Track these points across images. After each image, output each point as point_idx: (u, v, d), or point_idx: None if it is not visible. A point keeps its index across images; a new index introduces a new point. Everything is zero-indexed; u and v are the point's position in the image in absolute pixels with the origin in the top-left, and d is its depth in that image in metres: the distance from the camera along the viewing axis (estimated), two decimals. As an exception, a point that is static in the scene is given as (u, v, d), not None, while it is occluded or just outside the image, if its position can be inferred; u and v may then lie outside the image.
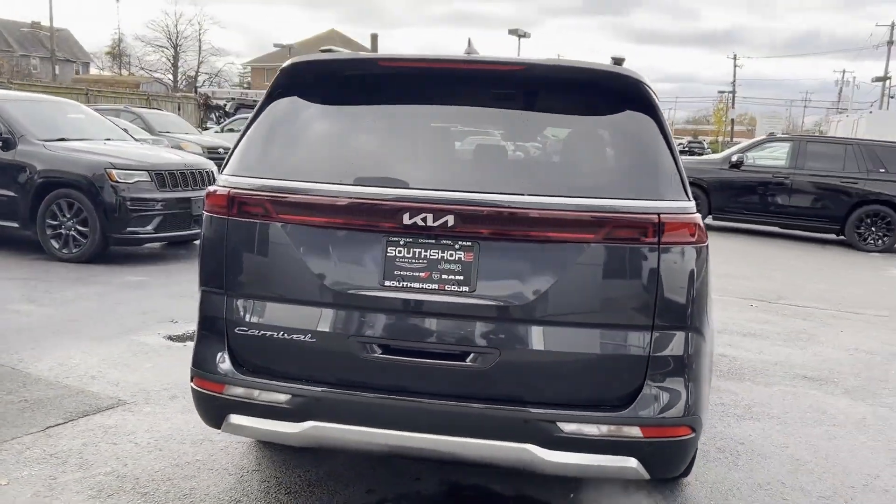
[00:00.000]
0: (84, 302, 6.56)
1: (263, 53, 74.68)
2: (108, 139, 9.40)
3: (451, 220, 2.61)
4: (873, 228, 13.41)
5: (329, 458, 3.64)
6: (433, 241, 2.67)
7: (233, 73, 76.55)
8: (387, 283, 2.69)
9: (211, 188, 2.97)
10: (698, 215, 2.69)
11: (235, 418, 2.89)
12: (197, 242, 9.49)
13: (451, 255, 2.66)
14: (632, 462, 2.66)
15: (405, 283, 2.68)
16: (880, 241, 13.38)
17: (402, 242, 2.69)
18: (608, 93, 2.82)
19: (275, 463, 3.63)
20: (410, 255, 2.68)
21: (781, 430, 4.34)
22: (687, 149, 47.27)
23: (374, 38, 70.69)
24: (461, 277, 2.65)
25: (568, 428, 2.62)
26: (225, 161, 3.02)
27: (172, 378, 4.75)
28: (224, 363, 2.89)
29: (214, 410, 2.95)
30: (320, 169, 2.83)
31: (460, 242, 2.65)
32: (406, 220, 2.63)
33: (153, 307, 6.49)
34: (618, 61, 3.03)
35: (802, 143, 14.22)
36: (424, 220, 2.62)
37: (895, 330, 7.24)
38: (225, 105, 29.52)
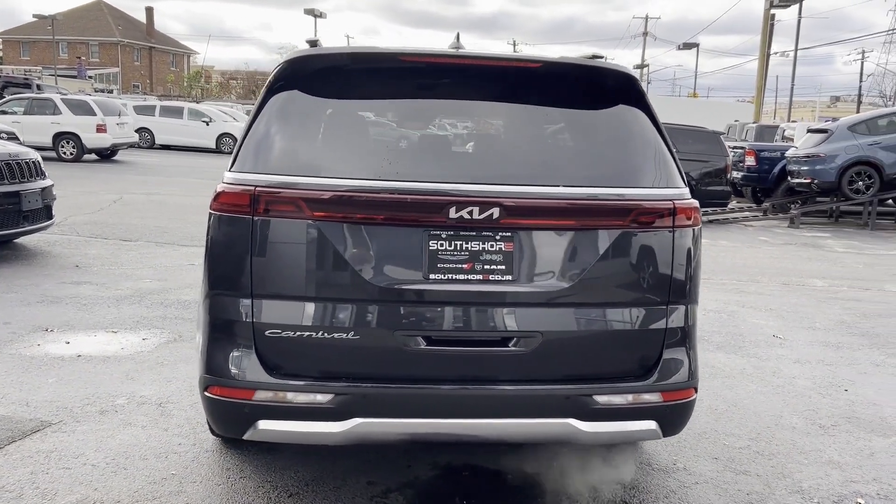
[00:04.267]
0: (-75, 315, 5.72)
1: (17, 24, 66.81)
2: None
3: (496, 212, 2.71)
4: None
5: (314, 456, 3.59)
6: (474, 234, 2.76)
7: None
8: (432, 276, 2.74)
9: (221, 187, 2.81)
10: (696, 201, 3.03)
11: (266, 423, 2.79)
12: (20, 241, 8.61)
13: (493, 246, 2.77)
14: (652, 425, 2.95)
15: (450, 276, 2.75)
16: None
17: (443, 236, 2.75)
18: (614, 88, 3.04)
19: (258, 467, 3.51)
20: (452, 247, 2.75)
21: (690, 385, 4.91)
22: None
23: (150, 11, 66.06)
24: (503, 267, 2.77)
25: (602, 400, 2.85)
26: (234, 157, 2.86)
27: (88, 391, 4.36)
28: (252, 368, 2.78)
29: (240, 418, 2.82)
30: (352, 165, 2.79)
31: (501, 233, 2.77)
32: (452, 213, 2.70)
33: (11, 317, 5.82)
34: (596, 57, 3.27)
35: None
36: (471, 213, 2.70)
37: (722, 290, 8.30)
38: (-10, 83, 26.11)
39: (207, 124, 28.36)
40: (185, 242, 9.51)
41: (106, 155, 21.87)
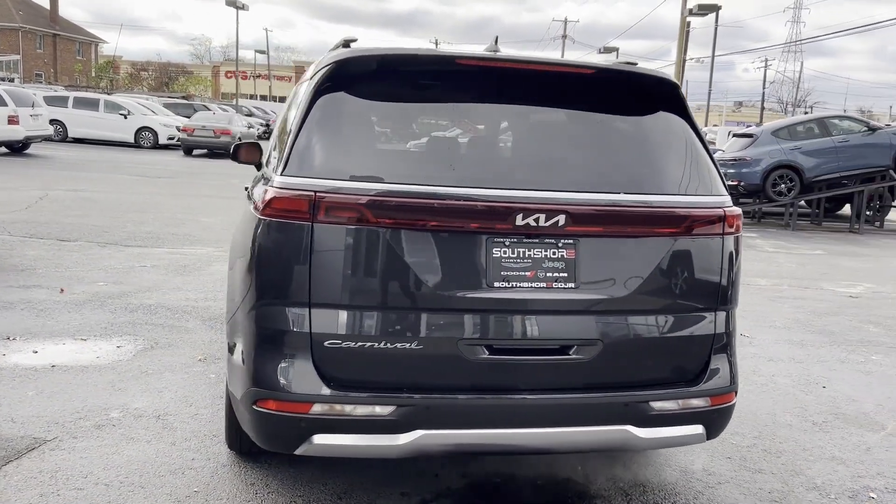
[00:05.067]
0: None
1: None
2: None
3: (562, 219, 2.69)
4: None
5: (339, 467, 3.47)
6: (537, 241, 2.73)
7: None
8: (496, 284, 2.69)
9: (272, 192, 2.67)
10: (739, 208, 3.09)
11: (322, 438, 2.69)
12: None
13: (555, 254, 2.75)
14: (699, 429, 2.99)
15: (514, 284, 2.71)
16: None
17: (506, 243, 2.70)
18: (660, 95, 3.06)
19: (284, 481, 3.37)
20: (515, 255, 2.71)
21: (682, 385, 5.02)
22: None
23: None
24: (566, 274, 2.75)
25: (657, 406, 2.88)
26: (284, 160, 2.73)
27: (76, 405, 4.09)
28: (309, 380, 2.66)
29: (295, 432, 2.70)
30: (411, 170, 2.72)
31: (563, 241, 2.75)
32: (519, 220, 2.66)
33: (-36, 323, 5.40)
34: (631, 64, 3.29)
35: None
36: (537, 220, 2.67)
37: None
38: None
39: (125, 117, 27.16)
40: (129, 243, 9.07)
41: (17, 148, 20.66)
